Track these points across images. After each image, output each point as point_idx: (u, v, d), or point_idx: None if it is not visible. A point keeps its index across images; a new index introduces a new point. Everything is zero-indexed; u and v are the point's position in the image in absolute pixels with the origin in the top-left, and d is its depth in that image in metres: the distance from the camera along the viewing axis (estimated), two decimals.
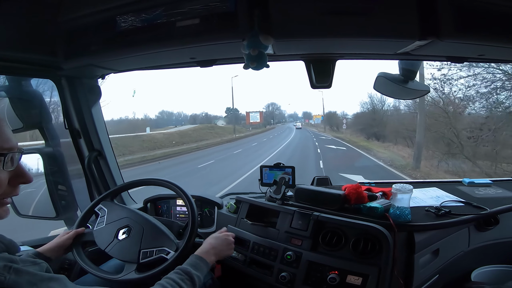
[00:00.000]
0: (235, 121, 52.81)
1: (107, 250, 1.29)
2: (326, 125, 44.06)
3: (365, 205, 1.35)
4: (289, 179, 1.54)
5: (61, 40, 1.29)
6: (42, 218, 1.70)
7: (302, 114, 78.18)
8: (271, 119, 68.69)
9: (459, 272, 1.42)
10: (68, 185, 1.68)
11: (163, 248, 1.25)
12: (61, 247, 1.29)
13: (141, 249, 1.26)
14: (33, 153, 1.61)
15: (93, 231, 1.36)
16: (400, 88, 1.48)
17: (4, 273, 0.66)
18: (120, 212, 1.40)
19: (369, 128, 23.77)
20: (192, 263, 1.09)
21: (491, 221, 1.41)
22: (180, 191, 1.38)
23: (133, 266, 1.23)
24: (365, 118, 25.41)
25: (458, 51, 1.25)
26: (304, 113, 76.43)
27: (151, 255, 1.24)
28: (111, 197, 1.49)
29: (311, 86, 1.49)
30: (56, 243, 1.29)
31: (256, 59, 1.07)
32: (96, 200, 1.47)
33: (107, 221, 1.37)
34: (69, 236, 1.32)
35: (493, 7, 1.02)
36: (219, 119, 59.25)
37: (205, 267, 1.12)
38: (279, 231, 1.44)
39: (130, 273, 1.22)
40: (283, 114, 77.93)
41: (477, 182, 1.78)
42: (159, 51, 1.22)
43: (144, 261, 1.23)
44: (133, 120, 41.22)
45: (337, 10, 1.03)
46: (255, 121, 54.81)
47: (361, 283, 1.20)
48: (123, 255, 1.27)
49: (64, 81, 1.56)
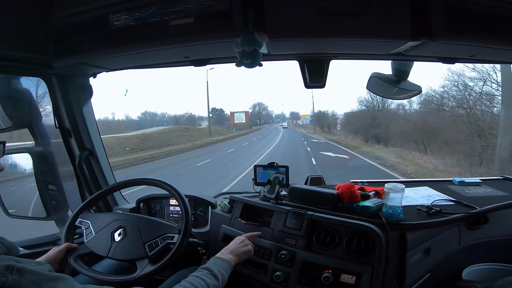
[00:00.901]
0: (220, 122, 50.79)
1: (110, 255, 1.27)
2: (317, 125, 40.92)
3: (358, 204, 1.36)
4: (283, 178, 1.54)
5: (52, 38, 1.27)
6: (32, 218, 1.67)
7: (289, 114, 75.56)
8: (258, 120, 64.92)
9: (450, 270, 1.44)
10: (59, 185, 1.66)
11: (167, 235, 1.27)
12: (54, 261, 1.26)
13: (145, 243, 1.26)
14: (22, 152, 1.58)
15: (85, 244, 1.32)
16: (392, 88, 1.50)
17: (6, 274, 0.66)
18: (105, 218, 1.38)
19: (367, 129, 21.00)
20: (210, 262, 1.16)
21: (481, 219, 1.43)
22: (173, 191, 1.37)
23: (145, 260, 1.23)
24: (363, 117, 22.44)
25: (449, 52, 1.27)
26: (291, 114, 73.96)
27: (157, 245, 1.25)
28: (87, 208, 1.45)
29: (305, 86, 1.49)
30: (47, 258, 1.25)
31: (250, 55, 1.06)
32: (72, 216, 1.41)
33: (95, 230, 1.34)
34: (60, 249, 1.29)
35: (484, 8, 1.04)
36: (203, 120, 53.03)
37: (225, 264, 1.17)
38: (273, 231, 1.44)
39: (145, 268, 1.22)
40: (271, 115, 75.47)
41: (467, 181, 1.81)
42: (152, 50, 1.21)
43: (153, 253, 1.24)
44: (112, 122, 37.17)
45: (331, 11, 1.04)
46: (240, 121, 51.40)
47: (354, 281, 1.21)
48: (129, 254, 1.26)
49: (55, 80, 1.54)
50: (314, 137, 30.80)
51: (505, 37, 1.08)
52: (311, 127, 44.60)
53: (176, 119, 52.07)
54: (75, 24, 1.21)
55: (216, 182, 9.47)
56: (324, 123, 38.71)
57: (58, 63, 1.35)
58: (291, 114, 73.11)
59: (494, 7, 1.04)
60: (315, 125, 41.30)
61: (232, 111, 53.09)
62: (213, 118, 53.49)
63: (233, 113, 52.38)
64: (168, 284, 1.35)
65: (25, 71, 1.44)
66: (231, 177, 9.92)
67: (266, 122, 70.28)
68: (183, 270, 1.43)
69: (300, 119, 58.15)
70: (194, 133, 31.80)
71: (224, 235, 1.56)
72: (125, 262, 1.32)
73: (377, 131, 19.70)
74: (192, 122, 49.79)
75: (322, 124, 39.32)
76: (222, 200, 1.76)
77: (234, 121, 50.99)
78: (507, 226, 1.52)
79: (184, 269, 1.44)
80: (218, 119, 53.20)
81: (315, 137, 29.81)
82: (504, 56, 1.34)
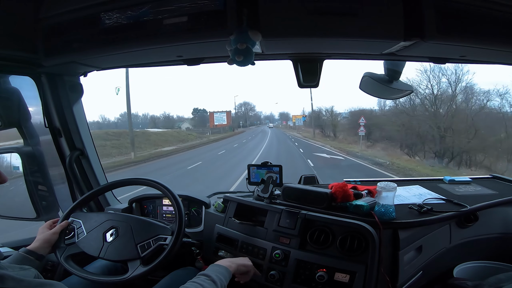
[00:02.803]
0: (202, 123, 46.30)
1: (101, 255, 1.25)
2: (316, 128, 31.28)
3: (351, 203, 1.37)
4: (277, 177, 1.55)
5: (42, 36, 1.25)
6: (21, 219, 1.64)
7: (278, 115, 71.73)
8: (243, 121, 60.77)
9: (442, 268, 1.46)
10: (49, 185, 1.63)
11: (159, 236, 1.25)
12: (48, 242, 1.25)
13: (137, 244, 1.24)
14: (11, 152, 1.55)
15: (76, 243, 1.30)
16: (385, 88, 1.52)
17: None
18: (97, 217, 1.36)
19: (422, 139, 13.65)
20: (209, 269, 1.15)
21: (471, 218, 1.45)
22: (166, 190, 1.36)
23: (137, 262, 1.22)
24: (409, 118, 14.78)
25: (441, 52, 1.29)
26: (281, 114, 70.64)
27: (150, 246, 1.24)
28: (79, 208, 1.43)
29: (298, 86, 1.50)
30: (43, 239, 1.24)
31: (243, 52, 1.06)
32: (63, 216, 1.39)
33: (86, 229, 1.32)
34: (55, 231, 1.28)
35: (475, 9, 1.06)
36: (184, 121, 49.99)
37: (224, 270, 1.16)
38: (267, 230, 1.44)
39: (137, 269, 1.20)
40: (259, 116, 71.53)
41: (457, 180, 1.84)
42: (144, 49, 1.20)
43: (145, 254, 1.23)
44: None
45: (325, 10, 1.04)
46: (221, 123, 45.72)
47: (348, 280, 1.22)
48: (121, 255, 1.25)
49: (45, 78, 1.51)
50: (315, 145, 22.44)
51: (495, 38, 1.10)
52: (306, 129, 36.52)
53: (153, 121, 48.16)
54: (65, 22, 1.19)
55: None
56: (327, 125, 29.35)
57: (48, 61, 1.32)
58: (281, 115, 69.65)
59: (485, 8, 1.06)
60: (314, 127, 32.03)
61: (212, 111, 47.32)
62: (195, 119, 50.45)
63: (213, 114, 46.77)
64: (162, 284, 1.34)
65: (13, 69, 1.40)
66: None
67: (253, 123, 65.50)
68: (177, 270, 1.42)
69: (291, 120, 53.05)
70: (124, 141, 20.53)
71: (218, 234, 1.56)
72: (116, 262, 1.30)
73: (450, 144, 11.80)
74: (170, 124, 46.38)
75: (322, 126, 30.35)
76: (216, 199, 1.75)
77: (214, 123, 45.68)
78: (496, 224, 1.55)
79: (178, 269, 1.43)
80: (200, 121, 49.42)
81: (317, 145, 21.66)
82: (494, 57, 1.36)
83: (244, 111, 64.59)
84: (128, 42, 1.17)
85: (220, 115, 46.17)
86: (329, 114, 29.53)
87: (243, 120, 61.87)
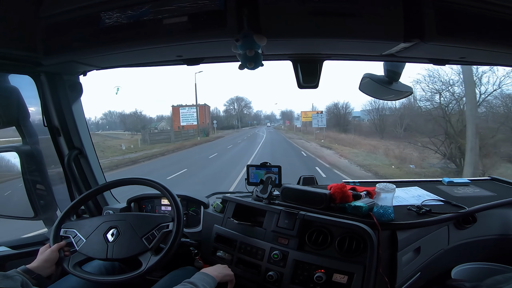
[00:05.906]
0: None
1: (109, 256, 1.25)
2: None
3: (350, 204, 1.37)
4: (276, 178, 1.55)
5: (41, 35, 1.24)
6: (19, 218, 1.64)
7: (280, 114, 63.01)
8: (236, 120, 50.40)
9: (439, 269, 1.46)
10: (47, 184, 1.63)
11: (161, 225, 1.28)
12: (49, 261, 1.23)
13: (141, 237, 1.26)
14: (10, 151, 1.55)
15: (79, 251, 1.29)
16: (384, 89, 1.52)
17: None
18: (91, 222, 1.35)
19: None
20: (196, 277, 1.18)
21: (469, 219, 1.46)
22: (165, 190, 1.36)
23: (147, 253, 1.23)
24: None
25: (440, 53, 1.29)
26: (282, 113, 60.63)
27: (155, 236, 1.26)
28: (78, 207, 1.43)
29: (298, 86, 1.50)
30: (43, 259, 1.22)
31: (253, 59, 1.08)
32: (60, 216, 1.38)
33: (84, 236, 1.31)
34: (53, 249, 1.26)
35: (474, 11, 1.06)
36: (162, 120, 40.03)
37: (210, 279, 1.19)
38: (265, 231, 1.44)
39: (150, 260, 1.22)
40: (259, 115, 63.86)
41: (456, 182, 1.84)
42: (144, 49, 1.19)
43: (153, 244, 1.24)
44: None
45: (325, 11, 1.04)
46: (190, 123, 31.94)
47: (346, 281, 1.22)
48: (129, 251, 1.25)
49: (44, 77, 1.51)
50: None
51: (495, 40, 1.10)
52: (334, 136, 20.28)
53: (122, 121, 41.49)
54: (65, 21, 1.19)
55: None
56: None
57: (47, 60, 1.32)
58: (282, 113, 60.78)
59: (485, 9, 1.06)
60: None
61: (176, 105, 32.66)
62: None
63: (178, 109, 31.83)
64: (161, 284, 1.34)
65: (13, 68, 1.40)
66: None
67: (247, 124, 55.21)
68: (176, 270, 1.42)
69: (297, 119, 36.91)
70: None
71: (217, 235, 1.56)
72: (127, 259, 1.29)
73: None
74: (141, 125, 38.28)
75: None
76: (214, 200, 1.75)
77: (180, 123, 31.72)
78: (494, 225, 1.55)
79: (177, 269, 1.43)
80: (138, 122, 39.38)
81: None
82: (494, 59, 1.36)
83: (238, 108, 52.95)
84: (128, 41, 1.17)
85: (188, 111, 31.80)
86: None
87: (236, 119, 52.39)
